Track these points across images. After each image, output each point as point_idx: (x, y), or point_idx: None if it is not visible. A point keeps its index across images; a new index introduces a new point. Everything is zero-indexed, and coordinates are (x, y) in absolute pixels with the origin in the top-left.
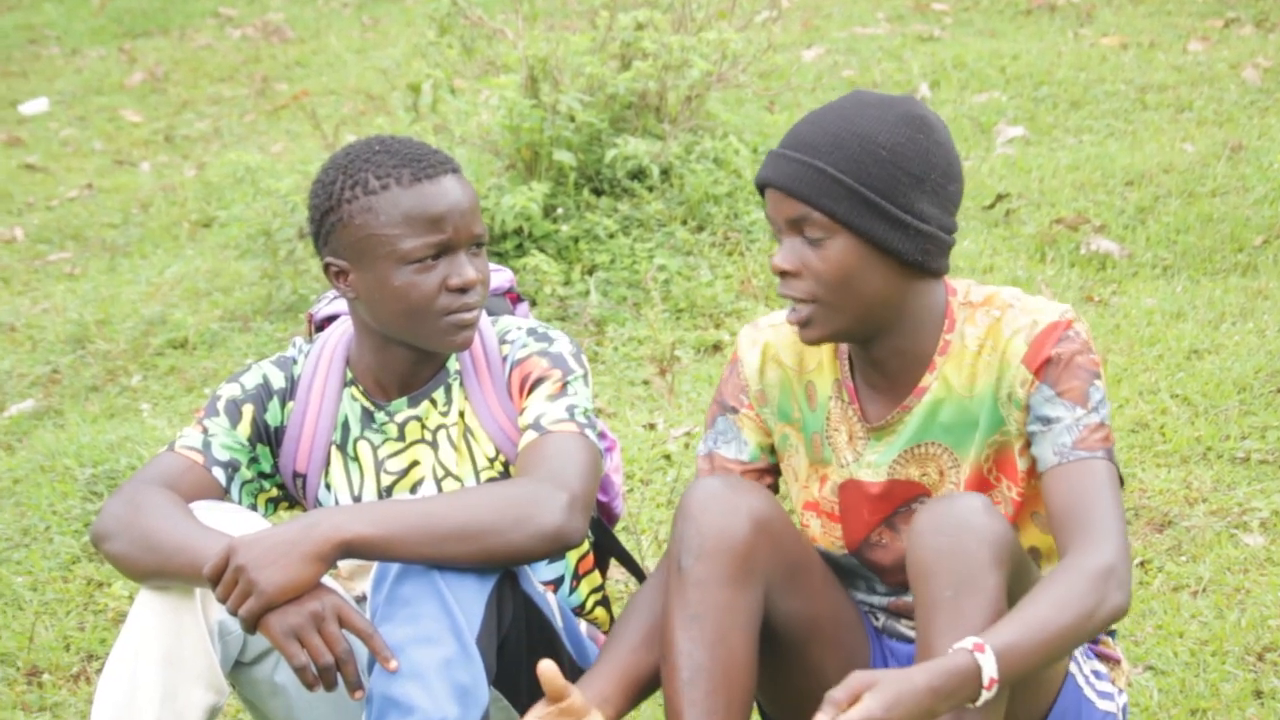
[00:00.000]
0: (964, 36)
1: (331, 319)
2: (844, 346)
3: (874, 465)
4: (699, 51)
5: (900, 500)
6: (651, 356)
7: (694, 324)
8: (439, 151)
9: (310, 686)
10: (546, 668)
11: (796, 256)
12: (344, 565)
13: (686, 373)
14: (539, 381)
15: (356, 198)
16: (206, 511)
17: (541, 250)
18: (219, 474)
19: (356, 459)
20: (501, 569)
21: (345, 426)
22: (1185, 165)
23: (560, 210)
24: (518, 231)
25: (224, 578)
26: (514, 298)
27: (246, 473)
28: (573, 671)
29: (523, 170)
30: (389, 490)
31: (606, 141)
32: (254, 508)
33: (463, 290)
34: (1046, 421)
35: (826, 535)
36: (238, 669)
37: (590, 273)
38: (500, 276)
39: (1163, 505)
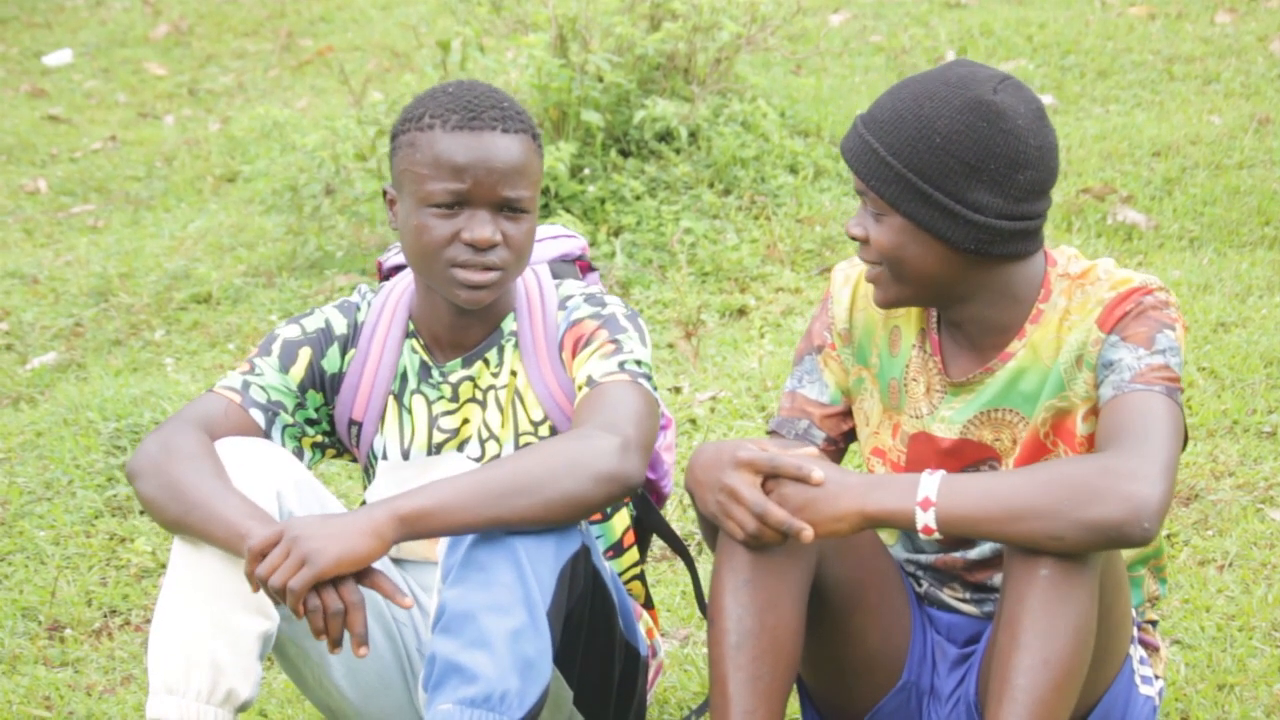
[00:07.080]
0: (991, 3)
1: (399, 268)
2: None
3: (948, 421)
4: (728, 13)
5: (969, 460)
6: (677, 320)
7: (719, 288)
8: (511, 109)
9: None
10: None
11: (863, 225)
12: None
13: (712, 336)
14: (589, 341)
15: (409, 130)
16: (232, 448)
17: (568, 211)
18: (257, 415)
19: (410, 411)
20: (572, 526)
21: (404, 377)
22: (1212, 137)
23: (587, 171)
24: (544, 192)
25: (274, 551)
26: (584, 266)
27: (287, 417)
28: (622, 646)
29: (550, 130)
30: (439, 448)
31: (634, 102)
32: (299, 452)
33: (475, 247)
34: (1109, 365)
35: None
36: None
37: (616, 234)
38: (570, 244)
39: (1189, 479)
